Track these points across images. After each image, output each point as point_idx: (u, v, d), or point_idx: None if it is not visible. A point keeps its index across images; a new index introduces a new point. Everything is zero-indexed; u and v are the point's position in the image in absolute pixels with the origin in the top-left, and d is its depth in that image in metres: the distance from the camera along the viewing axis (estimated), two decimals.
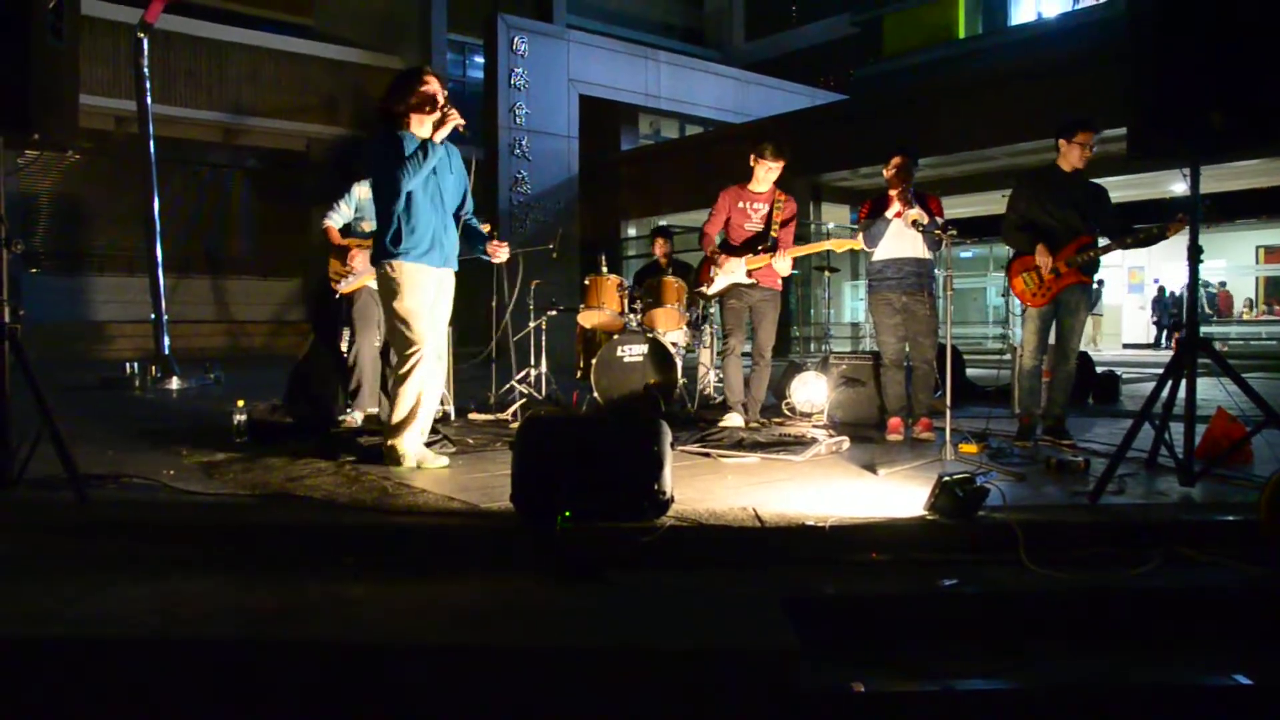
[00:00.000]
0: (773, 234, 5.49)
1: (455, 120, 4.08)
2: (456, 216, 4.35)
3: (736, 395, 5.64)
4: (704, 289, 5.74)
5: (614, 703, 2.30)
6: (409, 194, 4.08)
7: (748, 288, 5.54)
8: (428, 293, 4.17)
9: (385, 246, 4.12)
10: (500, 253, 4.48)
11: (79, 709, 2.29)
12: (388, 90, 4.17)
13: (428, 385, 4.23)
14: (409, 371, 4.13)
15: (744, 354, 5.81)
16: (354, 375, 5.31)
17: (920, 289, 5.28)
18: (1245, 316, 20.65)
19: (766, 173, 5.48)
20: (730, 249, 5.61)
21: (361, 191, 5.27)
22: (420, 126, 4.13)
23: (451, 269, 4.33)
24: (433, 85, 4.12)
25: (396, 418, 4.17)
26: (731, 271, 5.52)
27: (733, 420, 5.51)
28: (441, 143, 4.10)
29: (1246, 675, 2.38)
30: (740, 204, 5.58)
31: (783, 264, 5.45)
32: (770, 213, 5.53)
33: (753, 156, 5.48)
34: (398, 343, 4.18)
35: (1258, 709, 2.36)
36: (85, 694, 2.31)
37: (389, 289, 4.15)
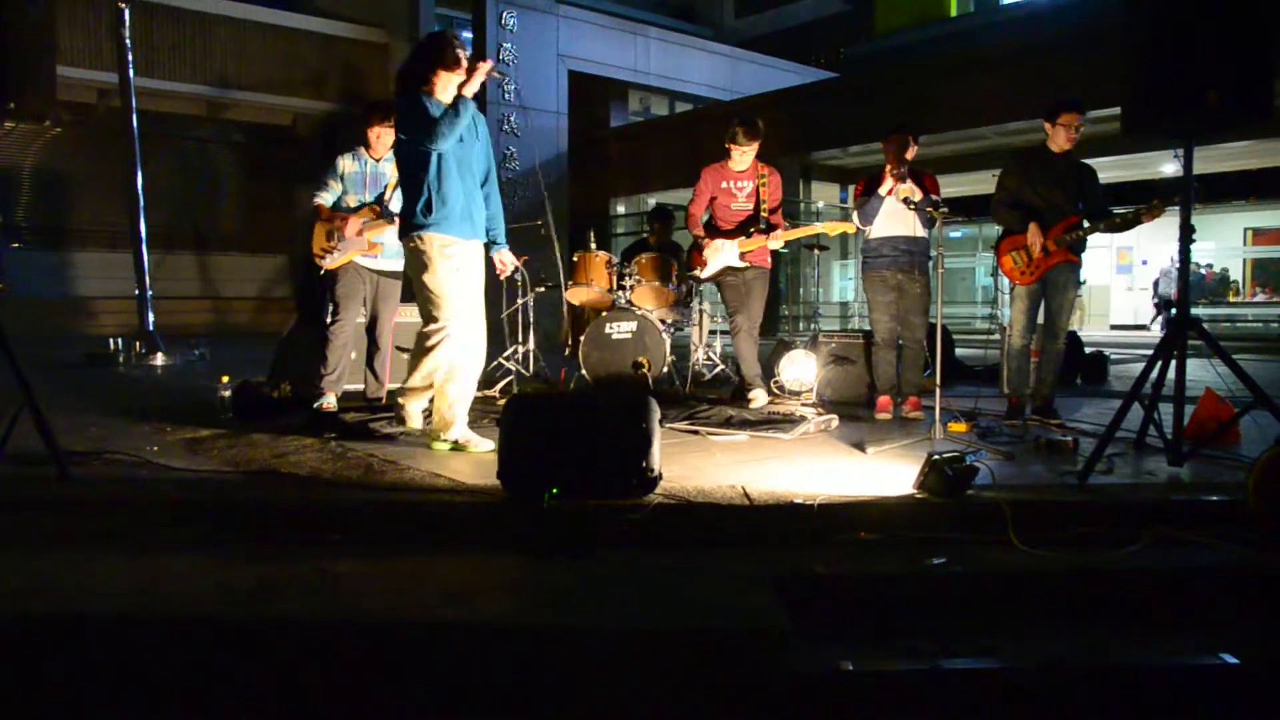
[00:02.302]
0: (763, 215, 5.46)
1: (485, 67, 3.95)
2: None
3: (754, 369, 5.57)
4: (697, 273, 5.71)
5: (603, 681, 2.29)
6: (439, 162, 3.95)
7: (740, 269, 5.52)
8: (459, 266, 4.06)
9: (415, 217, 3.99)
10: (506, 270, 4.45)
11: (59, 685, 2.26)
12: (414, 54, 4.05)
13: (466, 363, 4.14)
14: (434, 346, 4.05)
15: None
16: (329, 356, 5.02)
17: (914, 267, 5.27)
18: (1232, 299, 20.77)
19: (742, 154, 5.44)
20: (720, 231, 5.58)
21: (345, 165, 5.13)
22: (444, 92, 3.99)
23: (481, 240, 4.22)
24: (459, 48, 4.00)
25: (411, 383, 4.18)
26: (724, 255, 5.49)
27: (759, 398, 5.44)
28: (471, 99, 3.95)
29: (1234, 654, 2.38)
30: (724, 183, 5.53)
31: (775, 244, 5.47)
32: (756, 189, 5.49)
33: (726, 142, 5.44)
34: (426, 317, 4.09)
35: (1245, 688, 2.37)
36: (66, 671, 2.28)
37: (419, 262, 4.03)
